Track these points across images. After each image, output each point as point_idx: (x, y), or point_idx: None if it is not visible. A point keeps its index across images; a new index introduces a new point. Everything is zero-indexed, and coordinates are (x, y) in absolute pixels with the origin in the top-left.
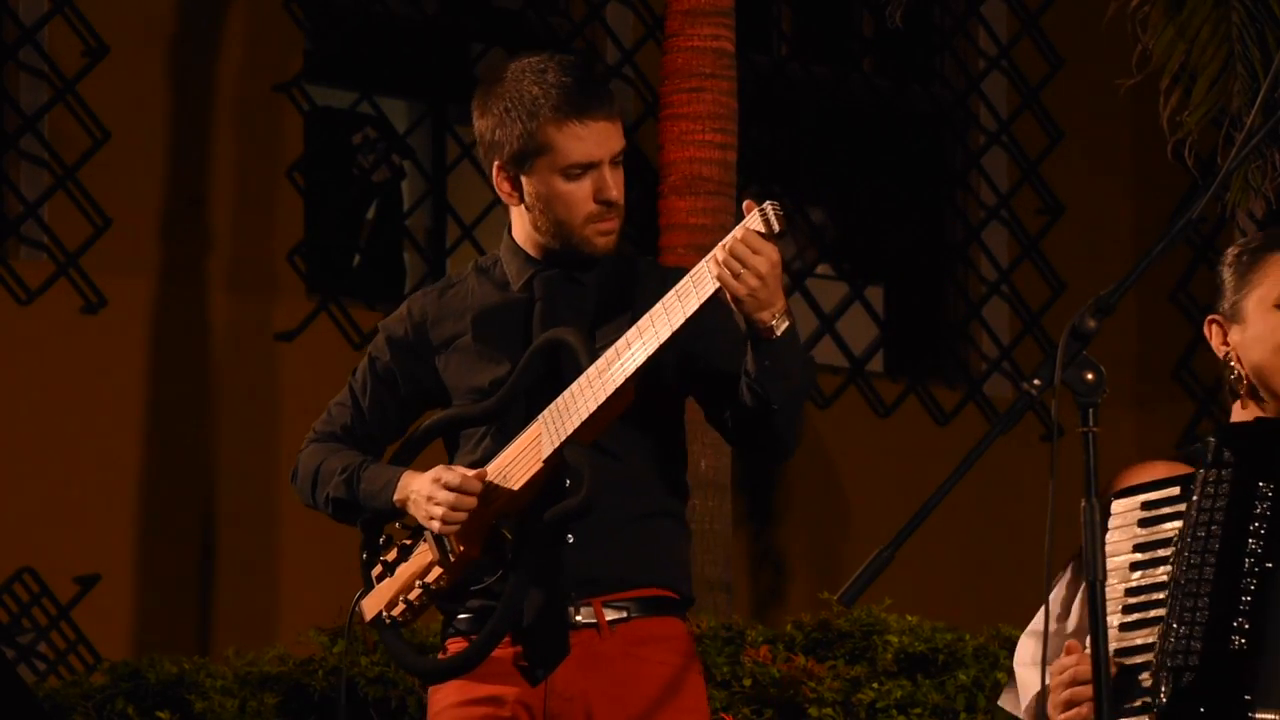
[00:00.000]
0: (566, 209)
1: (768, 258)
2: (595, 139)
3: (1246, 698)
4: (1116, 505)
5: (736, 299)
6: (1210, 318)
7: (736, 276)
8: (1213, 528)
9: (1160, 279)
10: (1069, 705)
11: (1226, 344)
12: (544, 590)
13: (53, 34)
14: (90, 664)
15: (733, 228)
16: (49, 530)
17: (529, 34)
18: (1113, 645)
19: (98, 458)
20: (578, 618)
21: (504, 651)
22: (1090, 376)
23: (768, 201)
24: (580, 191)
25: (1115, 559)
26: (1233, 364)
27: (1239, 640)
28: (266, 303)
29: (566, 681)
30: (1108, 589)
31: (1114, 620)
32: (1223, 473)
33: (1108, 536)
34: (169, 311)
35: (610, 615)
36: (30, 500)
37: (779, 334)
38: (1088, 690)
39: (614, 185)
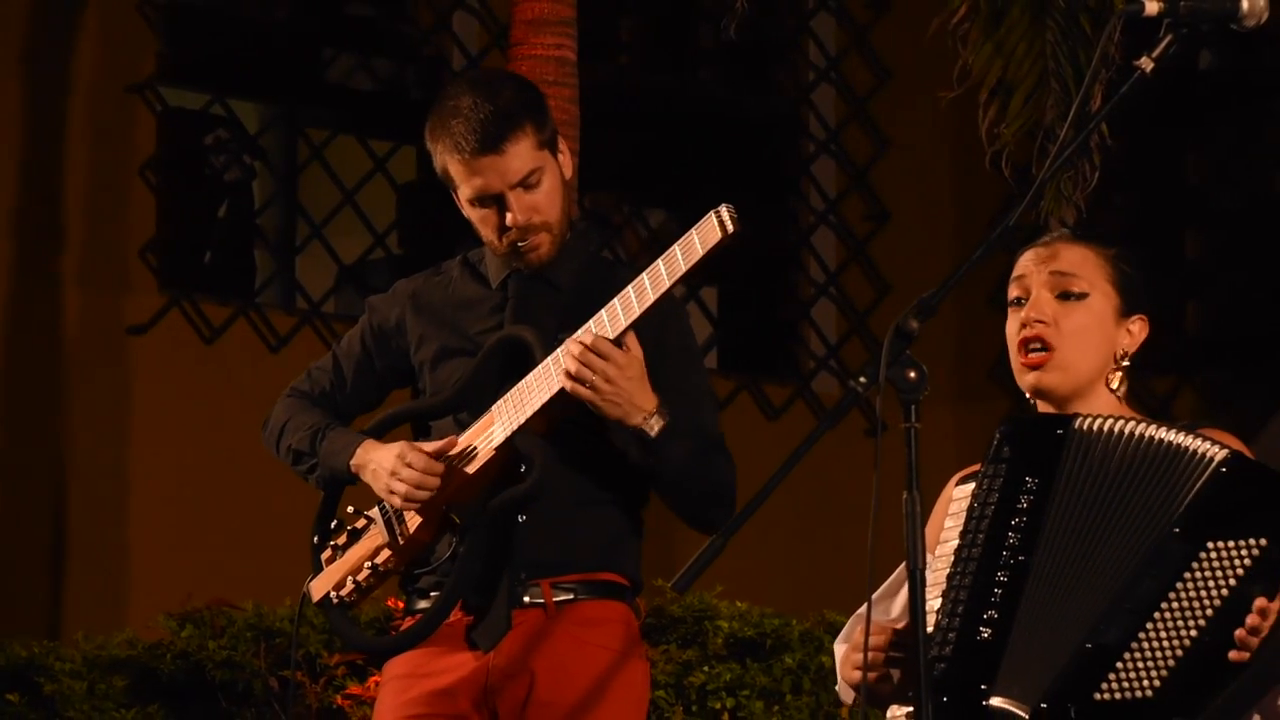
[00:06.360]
0: (483, 232)
1: (615, 365)
2: (490, 174)
3: (983, 686)
4: (957, 491)
5: (594, 406)
6: None
7: (587, 385)
8: (983, 522)
9: (980, 282)
10: (869, 666)
11: None
12: (490, 569)
13: None
14: None
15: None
16: None
17: (379, 40)
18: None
19: None
20: (526, 598)
21: (456, 619)
22: (913, 375)
23: (722, 205)
24: (490, 218)
25: (948, 545)
26: None
27: (986, 631)
28: (118, 298)
29: (509, 658)
30: (938, 574)
31: (934, 605)
32: (999, 468)
33: (945, 523)
34: (21, 306)
35: (557, 596)
36: None
37: (653, 435)
38: (882, 656)
39: (520, 209)
